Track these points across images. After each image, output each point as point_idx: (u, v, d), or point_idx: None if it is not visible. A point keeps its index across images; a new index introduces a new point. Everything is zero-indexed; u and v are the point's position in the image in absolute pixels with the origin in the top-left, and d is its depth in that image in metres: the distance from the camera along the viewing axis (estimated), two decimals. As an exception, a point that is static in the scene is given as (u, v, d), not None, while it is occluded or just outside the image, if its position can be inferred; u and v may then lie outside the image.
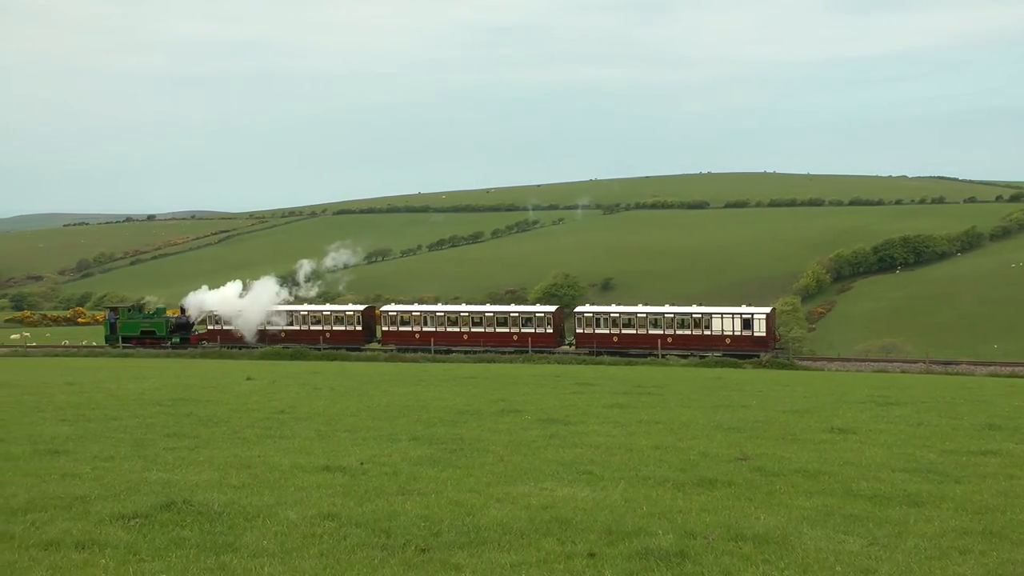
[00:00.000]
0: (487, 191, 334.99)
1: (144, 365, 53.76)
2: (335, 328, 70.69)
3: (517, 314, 68.36)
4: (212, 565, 10.24)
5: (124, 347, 71.66)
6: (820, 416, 24.20)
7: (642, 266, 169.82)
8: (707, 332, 63.54)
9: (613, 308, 68.66)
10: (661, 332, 64.23)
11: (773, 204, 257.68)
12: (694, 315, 64.44)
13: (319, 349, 67.62)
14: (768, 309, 65.65)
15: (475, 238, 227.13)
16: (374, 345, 70.39)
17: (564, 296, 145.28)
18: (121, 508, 12.47)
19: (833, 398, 30.11)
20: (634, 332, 64.90)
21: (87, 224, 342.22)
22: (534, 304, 77.80)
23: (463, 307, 74.23)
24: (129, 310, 76.22)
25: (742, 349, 62.24)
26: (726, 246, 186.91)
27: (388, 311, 71.60)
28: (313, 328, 70.87)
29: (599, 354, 63.89)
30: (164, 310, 76.96)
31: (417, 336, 68.60)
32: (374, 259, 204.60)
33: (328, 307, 74.24)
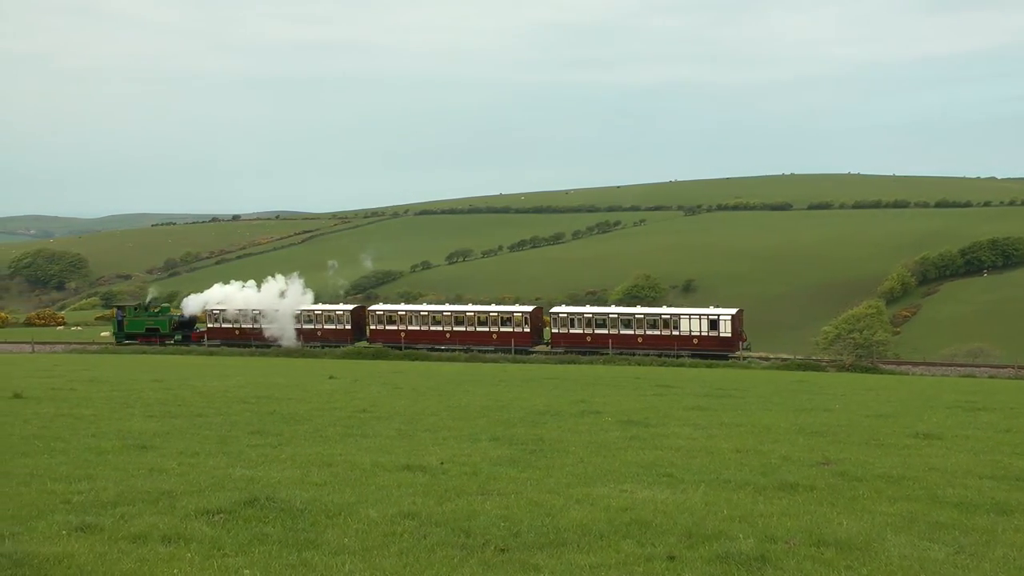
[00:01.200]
0: (566, 192, 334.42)
1: (229, 363, 54.52)
2: (326, 327, 72.65)
3: (496, 314, 69.84)
4: (294, 561, 10.35)
5: (129, 344, 73.85)
6: (904, 421, 23.87)
7: (724, 268, 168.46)
8: (676, 332, 64.70)
9: (587, 309, 70.81)
10: (632, 332, 65.60)
11: (857, 206, 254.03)
12: (663, 316, 65.86)
13: (311, 347, 70.16)
14: (734, 310, 66.52)
15: (556, 239, 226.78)
16: (362, 343, 71.70)
17: (645, 297, 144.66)
18: (206, 503, 12.66)
19: (918, 403, 29.67)
20: (606, 332, 66.18)
21: (174, 224, 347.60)
22: (517, 305, 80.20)
23: (445, 307, 76.33)
24: (135, 308, 78.21)
25: (709, 349, 63.35)
26: (809, 248, 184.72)
27: (375, 310, 73.85)
28: (306, 327, 72.70)
29: (571, 353, 65.27)
30: (168, 309, 79.46)
31: (403, 335, 70.37)
32: (455, 259, 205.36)
33: (320, 307, 75.63)
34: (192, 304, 77.43)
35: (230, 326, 74.37)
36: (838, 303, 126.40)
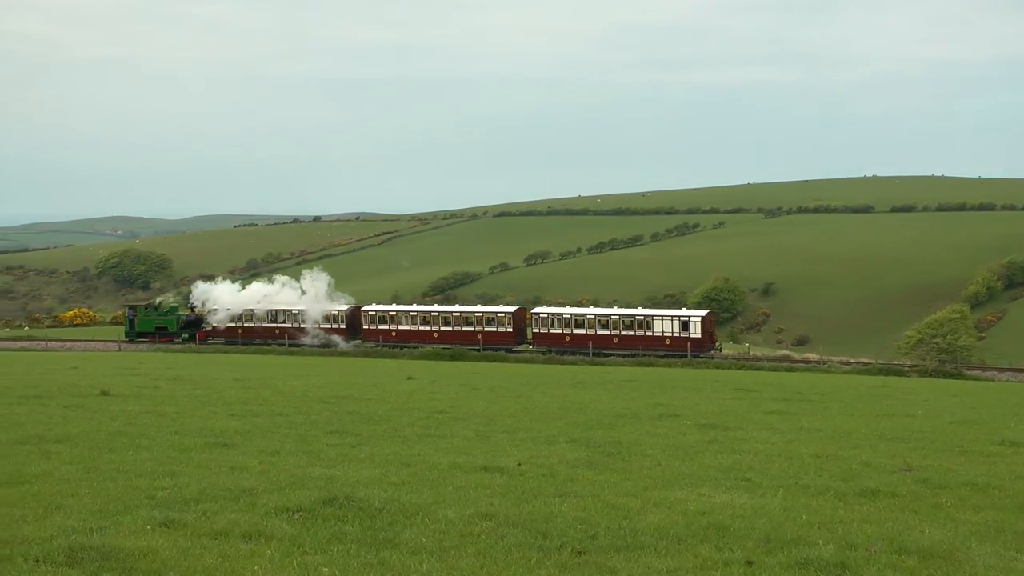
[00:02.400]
0: (643, 195, 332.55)
1: (308, 363, 55.08)
2: (323, 326, 75.32)
3: (481, 314, 72.49)
4: (372, 560, 10.44)
5: (139, 341, 76.39)
6: (989, 428, 23.45)
7: (804, 271, 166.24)
8: (649, 333, 66.36)
9: (567, 309, 73.37)
10: (608, 333, 67.22)
11: (941, 208, 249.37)
12: (637, 317, 67.75)
13: (309, 346, 73.00)
14: (704, 312, 68.93)
15: (634, 241, 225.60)
16: (356, 342, 74.09)
17: (724, 300, 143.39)
18: (286, 501, 12.81)
19: (1004, 410, 29.14)
20: (584, 332, 67.81)
21: (256, 225, 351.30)
22: (500, 306, 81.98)
23: (434, 307, 78.78)
24: (146, 308, 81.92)
25: (680, 349, 64.67)
26: (892, 251, 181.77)
27: (368, 310, 75.89)
28: (303, 326, 75.45)
29: (551, 352, 67.05)
30: (177, 308, 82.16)
31: (394, 334, 72.94)
32: (533, 261, 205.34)
33: (319, 306, 77.47)
34: (200, 299, 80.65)
35: (235, 325, 77.52)
36: (921, 307, 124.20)
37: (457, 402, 28.24)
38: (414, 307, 78.11)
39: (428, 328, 72.33)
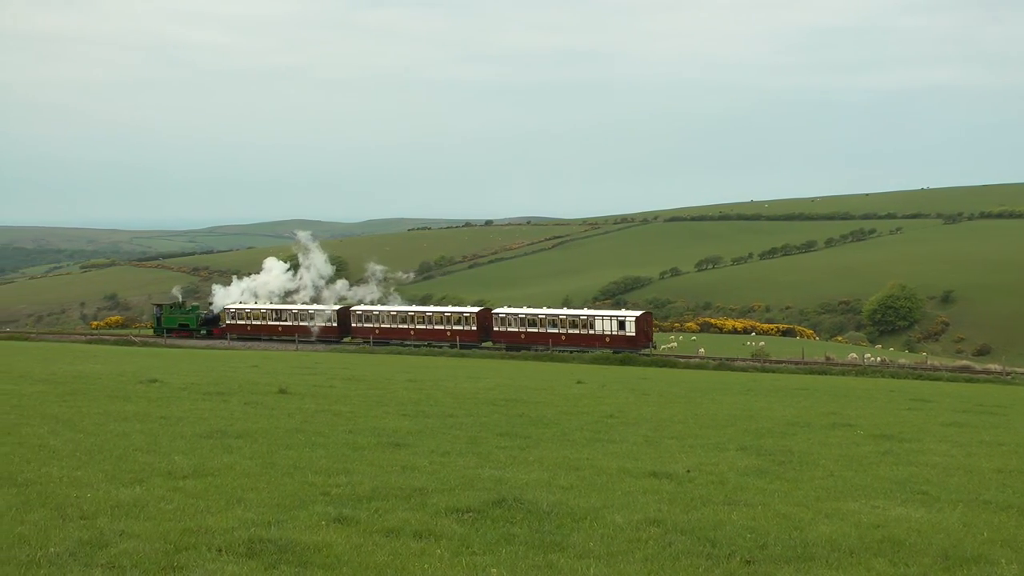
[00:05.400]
0: (811, 200, 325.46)
1: (479, 365, 55.66)
2: (320, 324, 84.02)
3: (450, 314, 79.66)
4: (540, 563, 10.50)
5: (167, 337, 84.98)
6: None
7: (987, 279, 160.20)
8: (591, 332, 72.28)
9: (522, 310, 78.92)
10: (557, 331, 73.39)
11: None
12: (581, 317, 74.10)
13: (306, 342, 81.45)
14: (639, 312, 74.35)
15: (808, 246, 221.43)
16: (346, 339, 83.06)
17: (901, 308, 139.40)
18: (456, 502, 13.00)
19: None
20: (536, 331, 74.22)
21: (429, 229, 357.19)
22: (466, 307, 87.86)
23: (411, 308, 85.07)
24: (171, 307, 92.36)
25: (618, 347, 69.48)
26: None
27: (356, 310, 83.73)
28: (301, 324, 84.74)
29: (510, 349, 72.14)
30: (197, 308, 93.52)
31: (377, 332, 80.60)
32: (704, 267, 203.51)
33: (313, 307, 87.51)
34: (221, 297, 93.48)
35: (244, 323, 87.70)
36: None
37: (626, 407, 28.16)
38: (394, 307, 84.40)
39: (406, 327, 79.98)
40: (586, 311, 76.99)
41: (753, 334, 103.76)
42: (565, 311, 76.73)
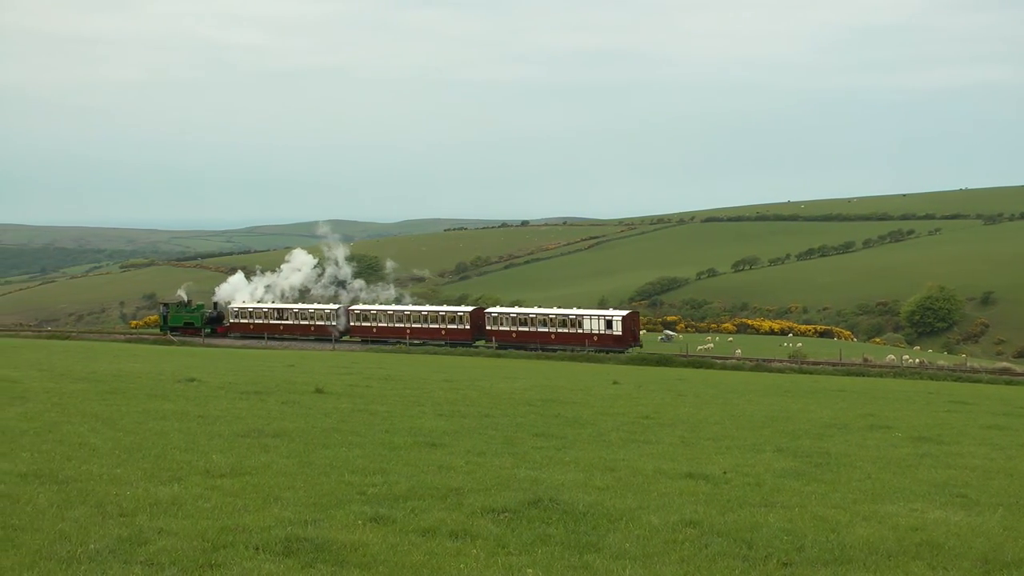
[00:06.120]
0: (848, 200, 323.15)
1: (515, 366, 55.69)
2: (318, 323, 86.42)
3: (445, 314, 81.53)
4: (576, 563, 10.51)
5: (172, 335, 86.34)
6: None
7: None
8: (580, 331, 73.69)
9: (514, 310, 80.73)
10: (547, 330, 74.88)
11: None
12: (570, 316, 75.10)
13: (307, 339, 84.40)
14: (626, 312, 76.13)
15: (846, 247, 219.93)
16: (346, 337, 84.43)
17: (939, 310, 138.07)
18: (491, 502, 13.02)
19: None
20: (527, 330, 75.80)
21: (465, 229, 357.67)
22: (458, 307, 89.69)
23: (407, 307, 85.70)
24: (177, 306, 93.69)
25: (605, 346, 71.82)
26: None
27: (354, 310, 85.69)
28: (302, 323, 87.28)
29: (503, 347, 74.04)
30: (203, 307, 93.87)
31: (375, 330, 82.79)
32: (741, 267, 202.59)
33: (314, 305, 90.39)
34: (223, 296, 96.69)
35: (246, 322, 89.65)
36: None
37: (662, 408, 28.11)
38: (391, 307, 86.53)
39: (402, 325, 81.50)
40: (575, 311, 77.79)
41: (790, 335, 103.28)
42: (555, 311, 77.85)
